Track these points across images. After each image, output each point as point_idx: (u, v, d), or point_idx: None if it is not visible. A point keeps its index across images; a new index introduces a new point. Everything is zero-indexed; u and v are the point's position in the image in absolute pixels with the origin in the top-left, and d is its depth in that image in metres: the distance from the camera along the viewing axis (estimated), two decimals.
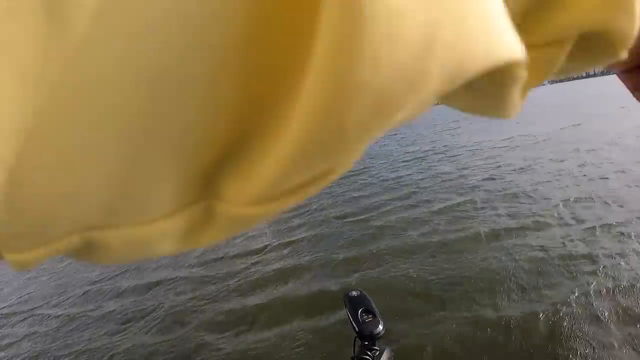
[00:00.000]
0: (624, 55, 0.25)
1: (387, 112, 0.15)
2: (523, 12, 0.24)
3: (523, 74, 0.21)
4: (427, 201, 8.94)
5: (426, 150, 18.34)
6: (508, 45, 0.18)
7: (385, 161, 17.50)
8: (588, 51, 0.26)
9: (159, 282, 7.88)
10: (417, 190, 10.27)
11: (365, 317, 1.68)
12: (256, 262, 7.40)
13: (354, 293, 1.83)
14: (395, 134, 36.26)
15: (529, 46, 0.22)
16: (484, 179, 10.06)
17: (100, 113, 0.13)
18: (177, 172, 0.17)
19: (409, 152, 18.89)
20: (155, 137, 0.15)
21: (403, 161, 16.45)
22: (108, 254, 0.20)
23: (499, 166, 11.30)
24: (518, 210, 7.24)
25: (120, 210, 0.18)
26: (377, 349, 1.64)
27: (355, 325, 1.66)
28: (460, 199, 8.55)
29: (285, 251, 7.70)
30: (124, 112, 0.14)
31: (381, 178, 13.54)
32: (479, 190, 9.00)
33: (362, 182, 13.48)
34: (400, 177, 12.97)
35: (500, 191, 8.69)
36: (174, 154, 0.16)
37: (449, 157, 14.98)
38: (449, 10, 0.15)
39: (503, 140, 16.22)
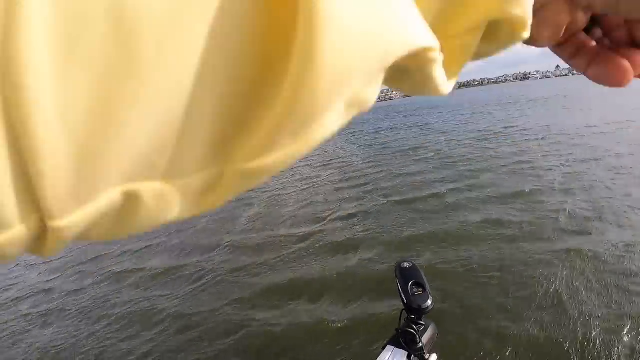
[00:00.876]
0: (525, 35, 0.31)
1: (342, 85, 0.21)
2: (440, 9, 0.29)
3: (437, 56, 0.26)
4: (493, 185, 7.92)
5: (490, 130, 16.96)
6: (419, 35, 0.24)
7: (446, 138, 16.50)
8: (498, 35, 0.32)
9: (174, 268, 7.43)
10: (479, 173, 9.20)
11: (415, 290, 1.63)
12: (305, 246, 6.63)
13: (406, 265, 1.76)
14: (458, 110, 34.89)
15: (449, 36, 0.30)
16: (552, 167, 8.81)
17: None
18: (203, 136, 0.22)
19: (471, 131, 17.58)
20: (194, 101, 0.20)
21: (468, 139, 15.19)
22: (140, 213, 0.22)
23: (569, 154, 9.89)
24: (596, 207, 6.09)
25: (157, 164, 0.21)
26: (423, 323, 1.64)
27: (404, 297, 1.62)
28: (528, 187, 7.48)
29: (337, 233, 6.93)
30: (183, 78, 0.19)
31: (442, 155, 12.50)
32: (549, 180, 7.80)
33: (421, 158, 12.58)
34: (463, 155, 11.86)
35: (570, 183, 7.47)
36: (205, 118, 0.21)
37: (515, 140, 13.47)
38: (380, 16, 0.21)
39: (576, 126, 14.57)
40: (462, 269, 4.85)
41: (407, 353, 1.58)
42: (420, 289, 1.63)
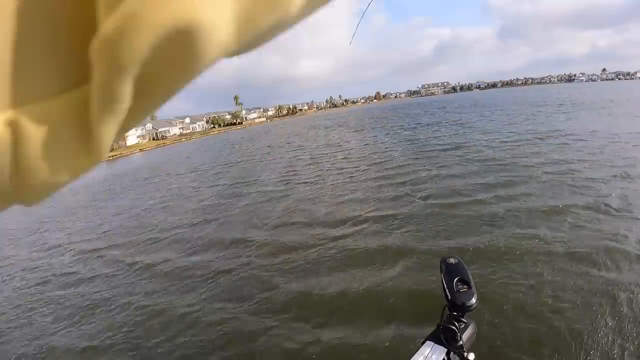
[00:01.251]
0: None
1: None
2: None
3: None
4: (540, 196, 7.25)
5: (535, 132, 16.04)
6: None
7: (489, 138, 15.82)
8: None
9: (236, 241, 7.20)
10: (525, 180, 8.46)
11: (461, 286, 1.56)
12: (337, 250, 6.18)
13: (452, 260, 1.69)
14: (501, 109, 33.77)
15: None
16: (604, 179, 7.95)
17: None
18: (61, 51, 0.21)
19: (515, 133, 16.76)
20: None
21: (512, 141, 14.37)
22: (28, 145, 0.21)
23: (623, 166, 8.86)
24: None
25: (24, 86, 0.20)
26: (465, 321, 1.56)
27: (448, 294, 1.56)
28: (580, 201, 6.71)
29: (372, 237, 6.44)
30: None
31: (485, 157, 11.78)
32: (602, 194, 6.98)
33: (462, 159, 11.96)
34: (506, 158, 11.13)
35: (627, 199, 6.65)
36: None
37: (562, 146, 12.59)
38: None
39: (626, 134, 13.36)
40: (506, 291, 4.32)
41: (446, 350, 1.51)
42: (466, 286, 1.57)
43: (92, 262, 7.62)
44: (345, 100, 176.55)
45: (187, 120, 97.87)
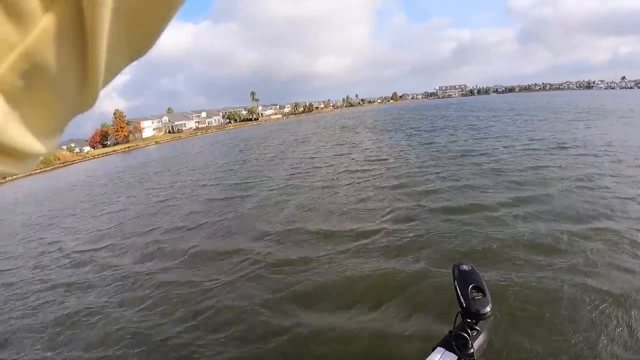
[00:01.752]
0: None
1: None
2: None
3: None
4: (567, 217, 6.59)
5: (555, 140, 15.25)
6: None
7: (508, 145, 15.17)
8: None
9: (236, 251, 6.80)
10: (549, 196, 7.80)
11: (475, 294, 1.55)
12: (343, 264, 5.66)
13: (465, 267, 1.66)
14: (520, 114, 32.98)
15: None
16: (635, 197, 7.25)
17: None
18: None
19: (535, 140, 16.02)
20: None
21: (531, 149, 13.59)
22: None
23: None
24: None
25: None
26: (478, 329, 1.55)
27: (463, 301, 1.53)
28: (610, 224, 6.03)
29: (381, 254, 5.90)
30: None
31: (504, 165, 11.13)
32: (633, 214, 6.33)
33: (479, 168, 11.31)
34: (526, 169, 10.43)
35: None
36: None
37: (585, 155, 11.86)
38: None
39: None
40: (523, 330, 3.80)
41: (456, 357, 1.48)
42: (481, 294, 1.54)
43: (87, 264, 7.28)
44: (362, 100, 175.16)
45: (204, 114, 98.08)
